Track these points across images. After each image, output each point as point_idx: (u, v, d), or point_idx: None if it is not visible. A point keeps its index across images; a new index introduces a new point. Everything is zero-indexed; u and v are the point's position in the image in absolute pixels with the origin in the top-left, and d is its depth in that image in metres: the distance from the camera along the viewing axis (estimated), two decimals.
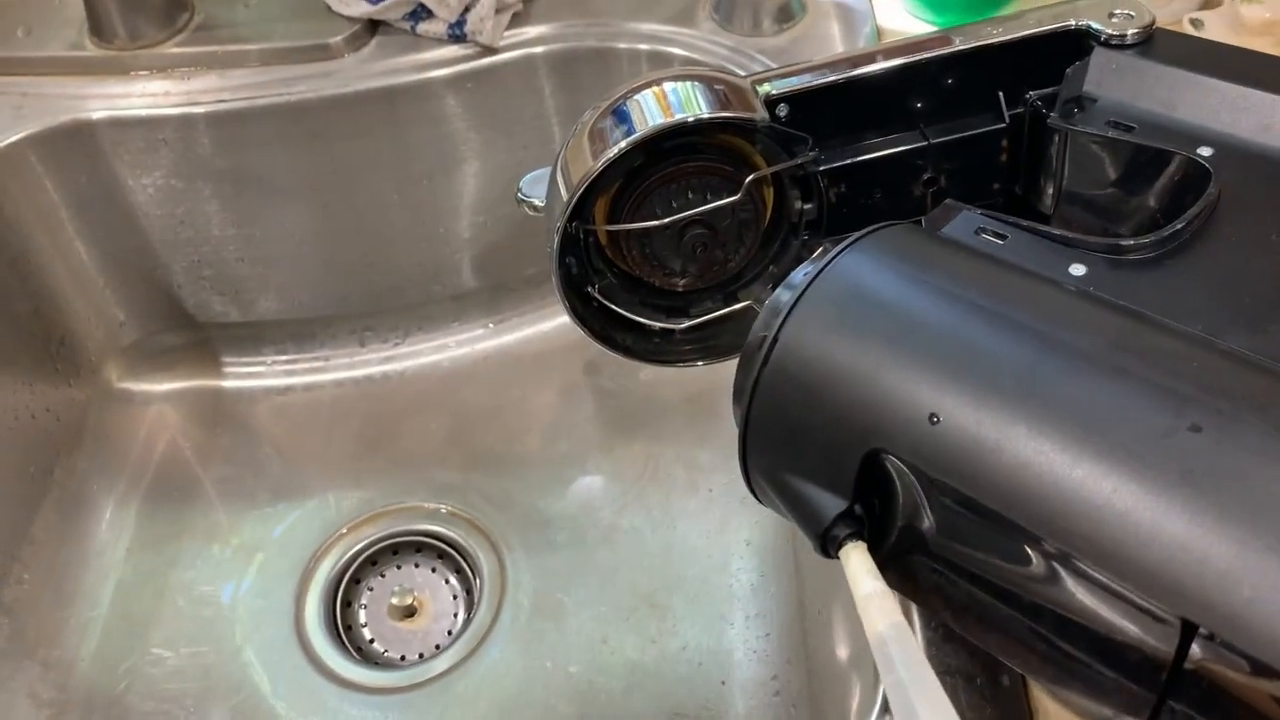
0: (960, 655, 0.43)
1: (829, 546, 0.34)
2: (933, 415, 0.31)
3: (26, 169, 0.69)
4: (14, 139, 0.68)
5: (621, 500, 0.76)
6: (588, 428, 0.81)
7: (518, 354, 0.85)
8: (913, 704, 0.29)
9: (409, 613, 0.73)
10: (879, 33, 0.71)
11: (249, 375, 0.84)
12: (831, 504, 0.34)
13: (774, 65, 0.66)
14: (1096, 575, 0.28)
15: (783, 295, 0.36)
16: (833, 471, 0.34)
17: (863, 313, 0.34)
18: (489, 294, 0.85)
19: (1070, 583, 0.29)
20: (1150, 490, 0.27)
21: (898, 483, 0.33)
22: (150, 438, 0.81)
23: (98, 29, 0.71)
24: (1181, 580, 0.26)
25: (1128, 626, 0.29)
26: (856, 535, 0.34)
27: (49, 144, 0.69)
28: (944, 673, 0.42)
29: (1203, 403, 0.28)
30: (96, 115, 0.69)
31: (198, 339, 0.83)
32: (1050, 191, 0.47)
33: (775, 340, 0.35)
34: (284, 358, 0.84)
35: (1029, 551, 0.30)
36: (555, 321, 0.85)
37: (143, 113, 0.70)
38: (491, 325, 0.86)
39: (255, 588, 0.74)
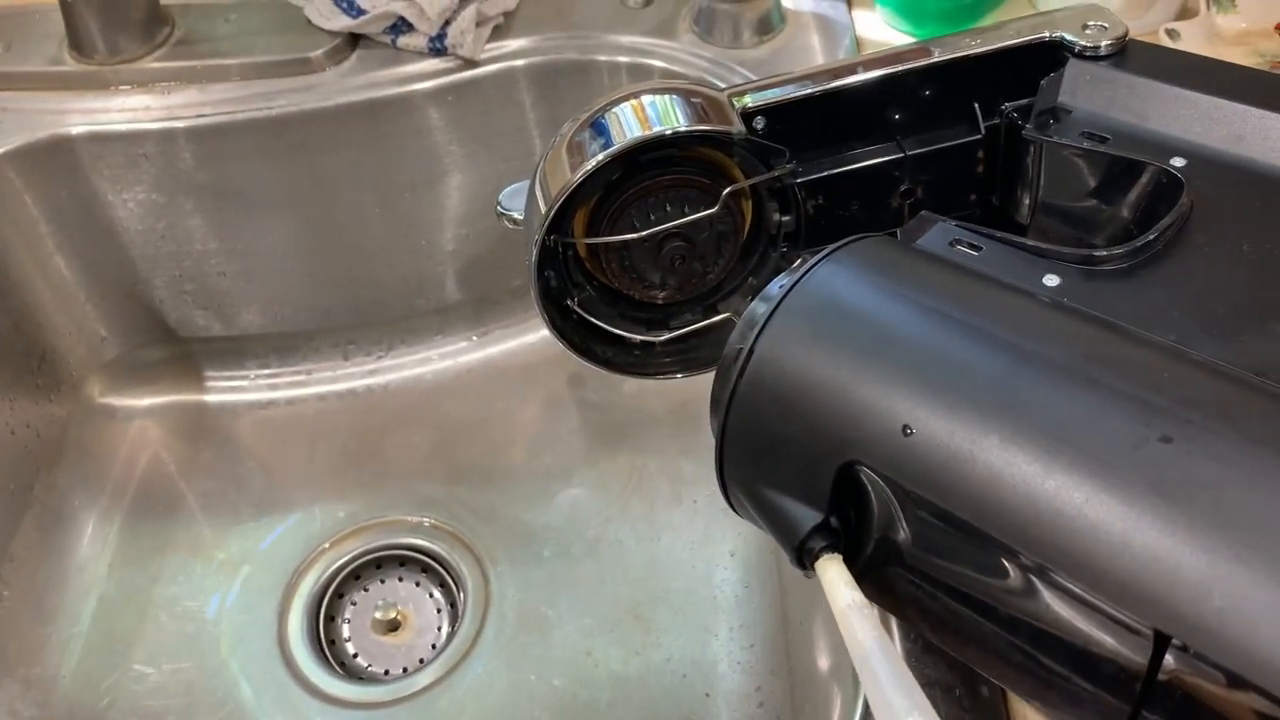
0: (939, 667, 0.43)
1: (804, 559, 0.34)
2: (906, 427, 0.31)
3: (5, 184, 0.69)
4: None
5: (606, 513, 0.76)
6: (572, 440, 0.81)
7: (502, 367, 0.85)
8: (897, 715, 0.29)
9: (393, 627, 0.73)
10: (858, 44, 0.71)
11: (231, 389, 0.84)
12: (807, 516, 0.34)
13: (754, 77, 0.67)
14: (1069, 586, 0.28)
15: (758, 308, 0.36)
16: (808, 484, 0.34)
17: (837, 325, 0.34)
18: (473, 307, 0.85)
19: (1044, 594, 0.29)
20: (1121, 501, 0.27)
21: (872, 495, 0.33)
22: (132, 453, 0.80)
23: (77, 44, 0.71)
24: (1153, 591, 0.26)
25: (1102, 638, 0.29)
26: (832, 548, 0.34)
27: (28, 159, 0.69)
28: (923, 684, 0.42)
29: (1173, 414, 0.28)
30: (76, 130, 0.69)
31: (180, 353, 0.82)
32: (1026, 202, 0.47)
33: (751, 353, 0.35)
34: (266, 372, 0.84)
35: (1003, 563, 0.30)
36: (539, 334, 0.85)
37: (123, 127, 0.70)
38: (475, 338, 0.85)
39: (239, 603, 0.73)
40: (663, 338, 0.51)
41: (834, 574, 0.33)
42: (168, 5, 0.73)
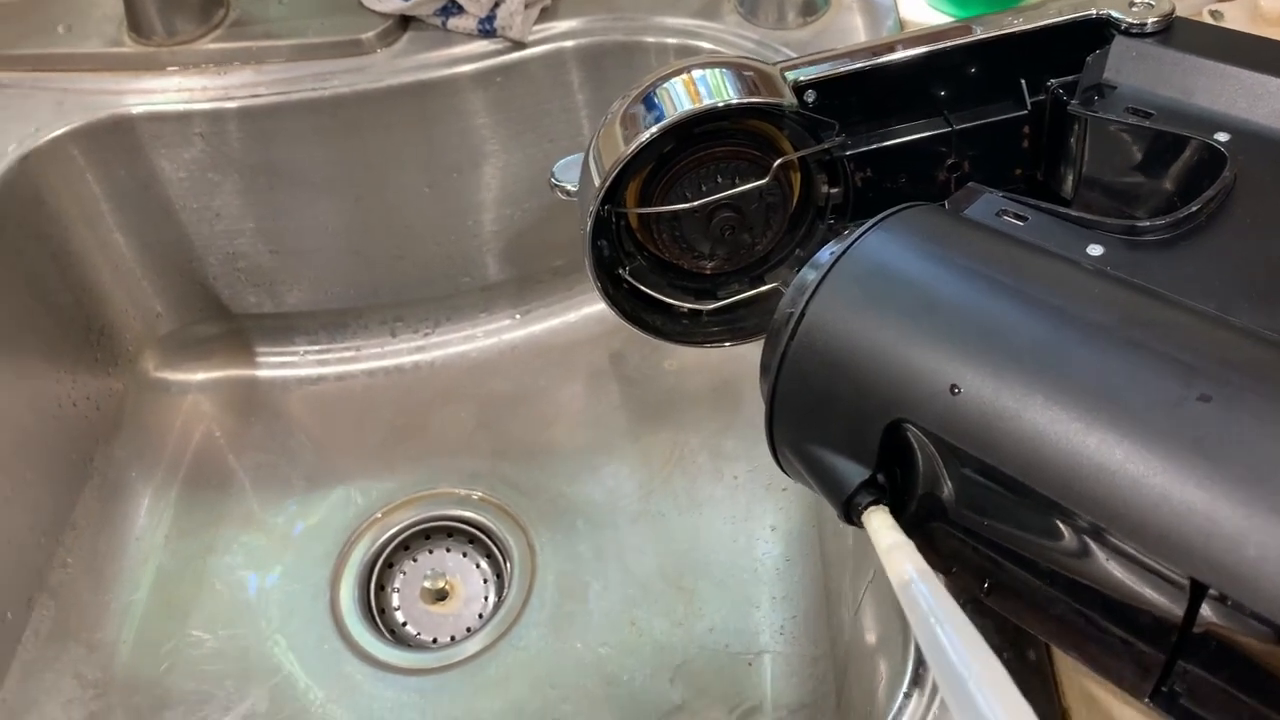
0: (988, 630, 0.43)
1: (852, 514, 0.35)
2: (954, 386, 0.32)
3: (69, 162, 0.71)
4: (57, 134, 0.69)
5: (648, 486, 0.77)
6: (614, 416, 0.82)
7: (545, 344, 0.87)
8: (942, 641, 0.30)
9: (441, 596, 0.74)
10: (902, 26, 0.72)
11: (282, 365, 0.86)
12: (855, 472, 0.35)
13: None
14: (1109, 539, 0.29)
15: (809, 274, 0.38)
16: (856, 441, 0.35)
17: (886, 289, 0.35)
18: (516, 285, 0.86)
19: (1085, 547, 0.31)
20: (1161, 456, 0.28)
21: (919, 452, 0.34)
22: (186, 427, 0.82)
23: (136, 25, 0.72)
24: (1190, 541, 0.27)
25: (1140, 589, 0.30)
26: (879, 502, 0.35)
27: (90, 138, 0.71)
28: None
29: (1212, 374, 0.29)
30: (135, 110, 0.71)
31: (232, 329, 0.84)
32: (1070, 177, 0.48)
33: (802, 316, 0.36)
34: (316, 348, 0.86)
35: (1045, 517, 0.31)
36: (581, 312, 0.87)
37: (179, 107, 0.71)
38: (519, 316, 0.87)
39: (291, 572, 0.75)
40: (710, 307, 0.52)
41: (878, 521, 0.34)
42: None
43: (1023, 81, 0.48)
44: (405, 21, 0.74)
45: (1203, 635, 0.29)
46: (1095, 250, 0.37)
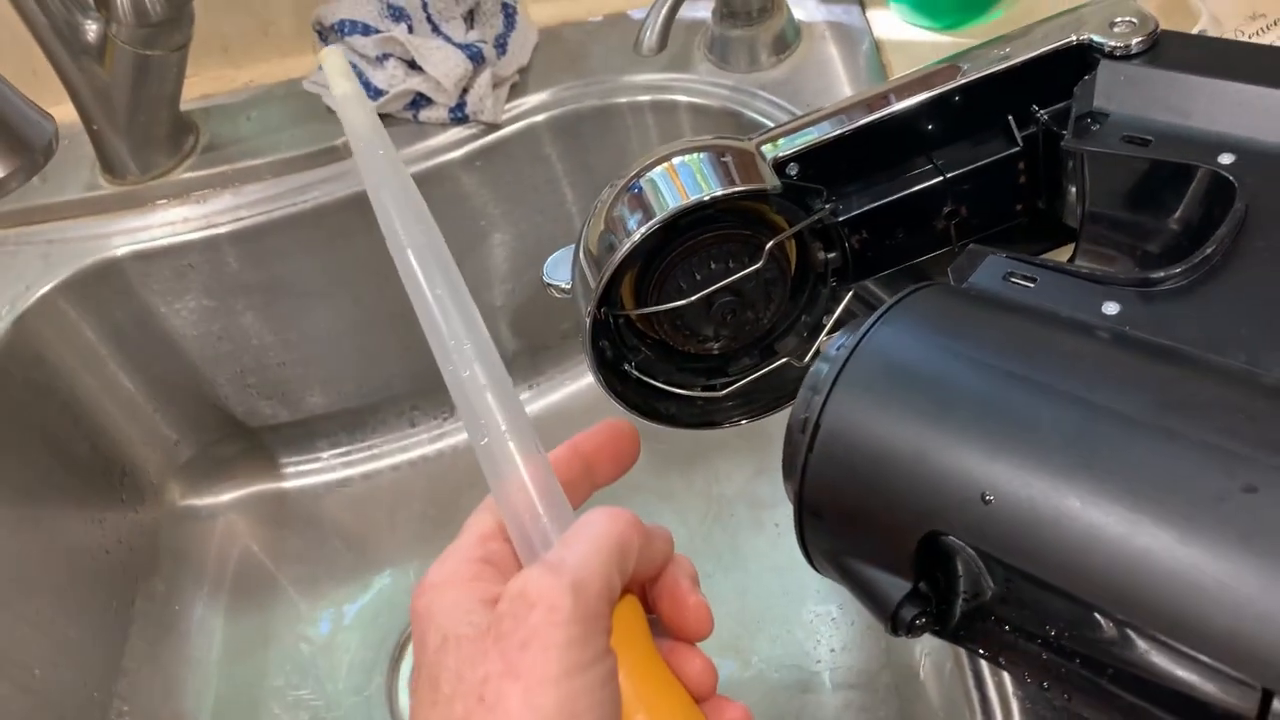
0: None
1: (899, 629, 0.34)
2: (984, 494, 0.30)
3: (60, 316, 0.70)
4: (45, 290, 0.69)
5: (689, 547, 0.76)
6: (644, 475, 0.81)
7: (564, 410, 0.85)
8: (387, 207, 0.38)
9: None
10: (878, 47, 0.70)
11: (308, 473, 0.85)
12: (895, 585, 0.34)
13: (776, 99, 0.66)
14: (1170, 644, 0.28)
15: (821, 370, 0.36)
16: (893, 554, 0.33)
17: (901, 393, 0.34)
18: (528, 356, 0.85)
19: (1143, 649, 0.29)
20: (1212, 558, 0.27)
21: (959, 561, 0.32)
22: (222, 549, 0.82)
23: (109, 166, 0.72)
24: (1255, 646, 0.26)
25: (1207, 688, 0.28)
26: (925, 614, 0.33)
27: (79, 288, 0.70)
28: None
29: (1256, 460, 0.27)
30: (120, 251, 0.70)
31: (252, 445, 0.84)
32: (1074, 207, 0.46)
33: (818, 426, 0.35)
34: (339, 450, 0.85)
35: (1100, 621, 0.29)
36: None
37: (165, 242, 0.71)
38: (535, 386, 0.86)
39: (348, 685, 0.74)
40: (722, 392, 0.51)
41: (332, 65, 0.41)
42: (188, 111, 0.74)
43: (1010, 118, 0.46)
44: None
45: None
46: (1111, 309, 0.35)
